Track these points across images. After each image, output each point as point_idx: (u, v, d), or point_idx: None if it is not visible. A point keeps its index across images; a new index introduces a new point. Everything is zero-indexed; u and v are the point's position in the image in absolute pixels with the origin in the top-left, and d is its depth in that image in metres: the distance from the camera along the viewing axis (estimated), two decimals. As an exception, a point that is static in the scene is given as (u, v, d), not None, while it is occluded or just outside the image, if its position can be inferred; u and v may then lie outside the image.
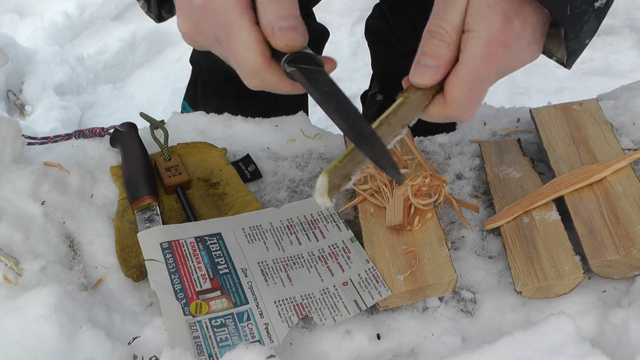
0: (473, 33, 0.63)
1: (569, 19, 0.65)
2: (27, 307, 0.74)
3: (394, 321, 0.82)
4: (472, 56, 0.63)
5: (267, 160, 1.04)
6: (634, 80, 1.14)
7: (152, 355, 0.76)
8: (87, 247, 0.88)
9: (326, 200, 0.58)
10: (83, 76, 2.10)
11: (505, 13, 0.63)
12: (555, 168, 0.93)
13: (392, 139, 0.63)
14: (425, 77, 0.64)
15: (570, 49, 0.70)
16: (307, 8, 1.41)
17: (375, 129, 0.61)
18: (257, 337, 0.77)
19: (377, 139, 0.59)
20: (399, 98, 0.65)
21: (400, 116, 0.64)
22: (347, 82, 2.15)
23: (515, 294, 0.82)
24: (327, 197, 0.58)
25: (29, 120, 1.90)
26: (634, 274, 0.82)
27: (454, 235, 0.91)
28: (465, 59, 0.64)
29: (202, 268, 0.84)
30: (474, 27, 0.63)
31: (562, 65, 0.73)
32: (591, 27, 0.68)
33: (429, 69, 0.64)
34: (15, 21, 2.22)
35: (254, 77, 0.62)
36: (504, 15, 0.63)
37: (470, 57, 0.63)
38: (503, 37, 0.64)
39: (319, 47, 1.49)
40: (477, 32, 0.63)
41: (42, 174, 0.90)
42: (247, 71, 0.62)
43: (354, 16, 2.34)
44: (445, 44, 0.64)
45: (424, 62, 0.64)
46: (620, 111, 1.04)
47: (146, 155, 0.97)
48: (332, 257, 0.87)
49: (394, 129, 0.63)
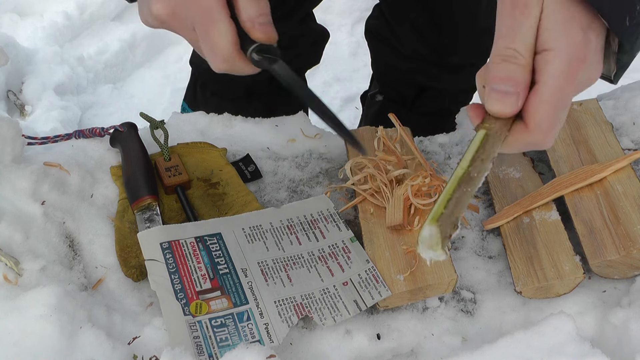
0: (552, 52, 0.59)
1: (628, 30, 0.61)
2: (27, 307, 0.74)
3: (394, 321, 0.82)
4: (554, 76, 0.59)
5: (267, 160, 1.04)
6: (634, 80, 1.14)
7: (152, 355, 0.76)
8: (87, 247, 0.88)
9: (441, 253, 0.55)
10: (83, 76, 2.10)
11: (582, 26, 0.60)
12: (555, 168, 0.93)
13: (483, 175, 0.60)
14: (506, 105, 0.60)
15: (621, 62, 0.67)
16: (308, 9, 1.41)
17: (468, 167, 0.59)
18: (257, 337, 0.77)
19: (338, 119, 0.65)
20: (479, 130, 0.61)
21: (487, 150, 0.60)
22: (347, 82, 2.15)
23: (515, 294, 0.82)
24: (442, 250, 0.55)
25: (29, 120, 1.90)
26: (634, 274, 0.82)
27: (454, 235, 0.91)
28: (546, 79, 0.59)
29: (202, 268, 0.84)
30: (552, 45, 0.59)
31: (608, 80, 0.70)
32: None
33: (509, 95, 0.60)
34: (15, 21, 2.21)
35: (225, 62, 0.70)
36: (582, 29, 0.60)
37: (552, 77, 0.59)
38: (582, 53, 0.60)
39: (320, 48, 1.49)
40: (557, 49, 0.59)
41: (42, 174, 0.90)
42: (219, 57, 0.69)
43: (354, 16, 2.34)
44: (521, 67, 0.60)
45: (502, 88, 0.60)
46: (620, 111, 1.04)
47: (146, 155, 0.97)
48: (332, 257, 0.87)
49: (485, 165, 0.60)
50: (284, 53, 0.69)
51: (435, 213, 0.56)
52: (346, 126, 0.64)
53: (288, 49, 1.38)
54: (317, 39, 1.46)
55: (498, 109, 0.60)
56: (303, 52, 1.43)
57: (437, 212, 0.56)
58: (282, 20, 1.33)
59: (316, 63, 1.52)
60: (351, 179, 0.93)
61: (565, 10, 0.60)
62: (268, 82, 1.44)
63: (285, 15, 1.33)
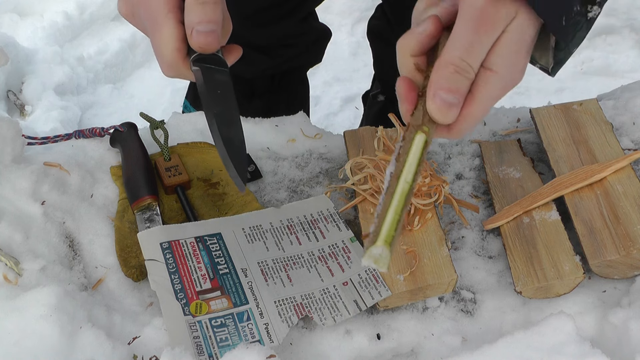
0: (495, 75, 0.62)
1: (564, 30, 0.64)
2: (27, 307, 0.74)
3: (394, 321, 0.82)
4: (489, 97, 0.62)
5: (267, 160, 1.04)
6: (634, 80, 1.14)
7: (152, 355, 0.76)
8: (87, 247, 0.88)
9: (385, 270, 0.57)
10: (83, 76, 2.10)
11: (527, 51, 0.63)
12: (555, 168, 0.93)
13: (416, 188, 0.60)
14: (449, 116, 0.61)
15: (557, 57, 0.70)
16: (310, 8, 1.41)
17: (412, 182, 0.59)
18: (257, 337, 0.77)
19: (243, 152, 0.66)
20: (418, 134, 0.61)
21: (424, 156, 0.61)
22: (347, 82, 2.15)
23: (515, 294, 0.82)
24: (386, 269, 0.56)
25: (29, 120, 1.90)
26: (634, 274, 0.82)
27: (454, 235, 0.91)
28: (482, 97, 0.62)
29: (202, 268, 0.84)
30: (497, 69, 0.62)
31: (546, 72, 0.72)
32: (581, 36, 0.67)
33: (453, 107, 0.61)
34: (15, 21, 2.21)
35: (169, 68, 0.69)
36: (527, 52, 0.63)
37: (488, 97, 0.62)
38: (519, 77, 0.63)
39: (321, 47, 1.50)
40: (500, 74, 0.62)
41: (42, 174, 0.90)
42: (164, 63, 0.68)
43: (354, 16, 2.34)
44: (469, 82, 0.61)
45: (449, 100, 0.61)
46: (620, 111, 1.04)
47: (146, 155, 0.97)
48: (332, 257, 0.87)
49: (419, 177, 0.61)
50: (285, 52, 0.68)
51: (387, 236, 0.57)
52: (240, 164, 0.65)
53: (289, 47, 1.39)
54: (318, 38, 1.47)
55: (440, 118, 0.62)
56: (305, 50, 1.43)
57: (389, 235, 0.57)
58: (284, 18, 1.34)
59: (318, 62, 1.52)
60: (351, 179, 0.93)
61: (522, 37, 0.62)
62: (269, 81, 1.44)
63: (287, 13, 1.33)
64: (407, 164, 0.60)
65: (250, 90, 1.43)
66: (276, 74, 1.43)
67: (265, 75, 1.41)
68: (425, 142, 0.61)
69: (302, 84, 1.55)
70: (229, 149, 0.66)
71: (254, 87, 1.43)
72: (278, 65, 1.39)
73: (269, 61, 1.37)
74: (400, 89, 0.64)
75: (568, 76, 2.12)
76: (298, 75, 1.51)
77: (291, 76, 1.47)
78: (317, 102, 2.08)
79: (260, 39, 1.32)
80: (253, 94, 1.44)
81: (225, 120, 0.67)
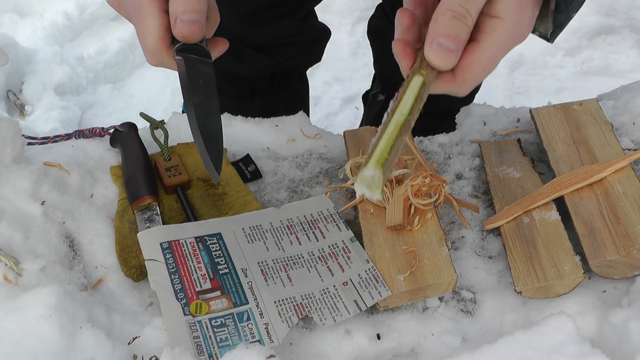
0: (501, 22, 0.62)
1: None
2: (27, 307, 0.74)
3: (394, 321, 0.82)
4: (495, 44, 0.62)
5: (267, 160, 1.04)
6: (634, 80, 1.14)
7: (152, 355, 0.76)
8: (87, 247, 0.88)
9: (378, 195, 0.56)
10: (83, 76, 2.10)
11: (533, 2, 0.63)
12: (555, 168, 0.93)
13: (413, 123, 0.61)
14: (448, 62, 0.62)
15: (557, 21, 0.70)
16: (309, 7, 1.41)
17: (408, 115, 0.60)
18: (257, 337, 0.77)
19: (220, 143, 0.66)
20: (416, 76, 0.62)
21: (422, 97, 0.62)
22: (347, 82, 2.15)
23: (515, 294, 0.82)
24: (380, 193, 0.56)
25: (29, 120, 1.90)
26: (634, 274, 0.82)
27: (454, 235, 0.91)
28: (489, 45, 0.62)
29: (202, 268, 0.84)
30: (504, 16, 0.62)
31: (545, 39, 0.72)
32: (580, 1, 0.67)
33: (452, 53, 0.62)
34: (15, 21, 2.22)
35: (153, 57, 0.69)
36: (533, 3, 0.63)
37: (493, 44, 0.62)
38: (526, 29, 0.63)
39: (321, 46, 1.50)
40: (506, 21, 0.62)
41: (42, 174, 0.90)
42: (148, 52, 0.68)
43: (354, 16, 2.34)
44: (468, 28, 0.62)
45: (448, 45, 0.61)
46: (620, 111, 1.04)
47: (146, 155, 0.97)
48: (332, 257, 0.87)
49: (418, 112, 0.61)
50: (285, 51, 0.68)
51: (380, 157, 0.57)
52: (215, 156, 0.66)
53: (289, 46, 1.39)
54: (318, 37, 1.47)
55: (439, 63, 0.62)
56: (304, 49, 1.43)
57: (382, 157, 0.57)
58: (283, 17, 1.34)
59: (317, 61, 1.52)
60: (351, 179, 0.93)
61: None
62: (270, 81, 1.44)
63: (287, 12, 1.33)
64: (402, 100, 0.61)
65: (251, 90, 1.43)
66: (276, 73, 1.43)
67: (265, 75, 1.41)
68: (422, 83, 0.61)
69: (302, 84, 1.55)
70: (206, 140, 0.66)
71: (254, 87, 1.43)
72: (278, 64, 1.39)
73: (268, 60, 1.37)
74: (397, 49, 0.65)
75: (568, 76, 2.12)
76: (298, 74, 1.51)
77: (291, 75, 1.47)
78: (317, 102, 2.08)
79: (260, 38, 1.32)
80: (253, 93, 1.44)
81: (204, 110, 0.67)
